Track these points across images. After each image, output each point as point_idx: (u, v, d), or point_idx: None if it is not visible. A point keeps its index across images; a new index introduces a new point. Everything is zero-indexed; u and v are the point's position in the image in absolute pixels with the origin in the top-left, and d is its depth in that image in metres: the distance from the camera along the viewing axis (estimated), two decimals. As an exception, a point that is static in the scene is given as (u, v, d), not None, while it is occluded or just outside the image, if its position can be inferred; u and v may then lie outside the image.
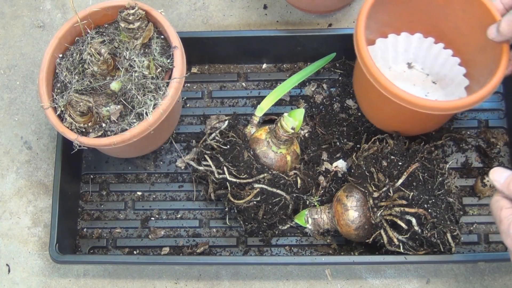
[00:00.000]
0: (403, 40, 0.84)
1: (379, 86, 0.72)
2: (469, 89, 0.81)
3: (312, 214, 0.83)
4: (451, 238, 0.75)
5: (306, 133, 0.88)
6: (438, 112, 0.71)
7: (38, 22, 1.01)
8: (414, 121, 0.80)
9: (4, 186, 0.92)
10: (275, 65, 0.95)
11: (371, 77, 0.72)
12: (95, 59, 0.75)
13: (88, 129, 0.77)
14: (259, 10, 0.99)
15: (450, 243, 0.75)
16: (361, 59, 0.73)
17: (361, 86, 0.84)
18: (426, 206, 0.74)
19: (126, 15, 0.76)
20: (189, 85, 0.95)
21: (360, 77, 0.81)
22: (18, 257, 0.89)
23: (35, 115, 0.96)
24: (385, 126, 0.85)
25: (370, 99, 0.83)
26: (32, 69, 0.98)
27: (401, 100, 0.71)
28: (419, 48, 0.85)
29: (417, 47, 0.85)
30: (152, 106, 0.75)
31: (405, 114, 0.77)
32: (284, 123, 0.77)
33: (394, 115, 0.81)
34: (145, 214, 0.90)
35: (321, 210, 0.83)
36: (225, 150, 0.81)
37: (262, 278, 0.86)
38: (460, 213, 0.79)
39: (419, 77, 0.86)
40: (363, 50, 0.73)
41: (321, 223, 0.82)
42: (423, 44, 0.84)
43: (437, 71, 0.85)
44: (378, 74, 0.71)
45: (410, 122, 0.81)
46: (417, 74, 0.86)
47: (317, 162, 0.86)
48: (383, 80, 0.71)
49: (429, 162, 0.79)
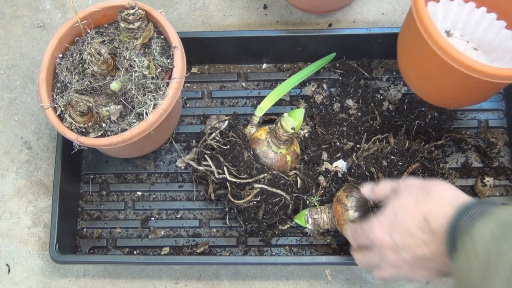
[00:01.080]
0: (442, 6, 0.80)
1: (443, 54, 0.66)
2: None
3: (312, 214, 0.83)
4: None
5: (306, 133, 0.88)
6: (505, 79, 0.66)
7: (38, 22, 1.01)
8: (473, 91, 0.76)
9: (4, 186, 0.92)
10: (275, 65, 0.95)
11: (434, 43, 0.67)
12: (95, 59, 0.75)
13: (88, 129, 0.77)
14: (259, 10, 0.99)
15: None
16: (420, 21, 0.68)
17: (412, 56, 0.78)
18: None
19: (126, 15, 0.76)
20: (189, 85, 0.95)
21: (413, 46, 0.76)
22: (18, 257, 0.89)
23: (35, 115, 0.96)
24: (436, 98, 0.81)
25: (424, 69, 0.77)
26: (32, 69, 0.98)
27: (469, 69, 0.65)
28: (459, 14, 0.81)
29: (456, 14, 0.81)
30: (152, 106, 0.75)
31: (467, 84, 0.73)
32: (284, 123, 0.77)
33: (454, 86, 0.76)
34: (145, 214, 0.90)
35: (321, 210, 0.83)
36: (225, 150, 0.81)
37: (262, 278, 0.86)
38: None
39: (459, 45, 0.82)
40: (423, 12, 0.67)
41: (321, 223, 0.82)
42: (463, 9, 0.81)
43: (479, 37, 0.81)
44: (442, 41, 0.66)
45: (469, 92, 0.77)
46: (456, 41, 0.82)
47: (317, 162, 0.86)
48: (449, 48, 0.66)
49: (429, 162, 0.79)
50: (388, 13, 0.97)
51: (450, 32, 0.82)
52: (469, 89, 0.75)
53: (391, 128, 0.88)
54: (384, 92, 0.91)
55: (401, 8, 0.97)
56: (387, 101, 0.90)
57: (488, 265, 0.52)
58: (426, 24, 0.67)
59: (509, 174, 0.87)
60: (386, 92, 0.91)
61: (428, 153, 0.80)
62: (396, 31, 0.82)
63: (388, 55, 0.93)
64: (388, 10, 0.98)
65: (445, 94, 0.79)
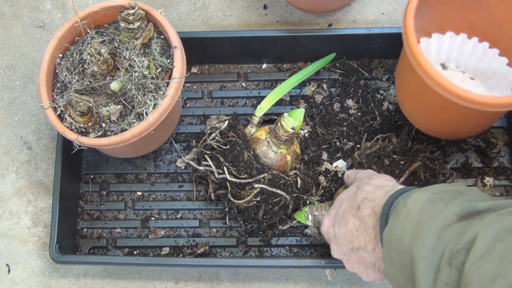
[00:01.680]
0: (434, 41, 0.81)
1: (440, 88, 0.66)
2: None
3: (313, 211, 0.83)
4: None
5: (306, 133, 0.88)
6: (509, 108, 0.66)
7: (38, 22, 1.01)
8: (474, 122, 0.76)
9: (4, 186, 0.92)
10: (275, 65, 0.95)
11: (429, 79, 0.67)
12: (95, 59, 0.75)
13: (88, 129, 0.77)
14: (259, 10, 0.99)
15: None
16: (414, 58, 0.68)
17: (411, 92, 0.79)
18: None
19: (126, 15, 0.76)
20: (189, 85, 0.95)
21: (410, 83, 0.76)
22: (18, 257, 0.89)
23: (35, 115, 0.96)
24: (440, 132, 0.81)
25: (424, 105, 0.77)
26: (32, 69, 0.98)
27: (468, 101, 0.65)
28: (452, 46, 0.82)
29: (449, 46, 0.82)
30: (152, 106, 0.75)
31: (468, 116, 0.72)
32: (284, 123, 0.77)
33: (455, 119, 0.76)
34: (145, 214, 0.90)
35: (322, 207, 0.83)
36: (225, 150, 0.81)
37: (262, 279, 0.86)
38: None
39: (456, 76, 0.82)
40: (416, 50, 0.67)
41: (321, 219, 0.82)
42: (455, 41, 0.81)
43: (474, 66, 0.82)
44: (438, 76, 0.66)
45: (471, 123, 0.77)
46: (453, 73, 0.83)
47: (317, 162, 0.86)
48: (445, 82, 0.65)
49: (431, 161, 0.79)
50: (388, 13, 0.97)
51: (446, 65, 0.82)
52: (470, 121, 0.76)
53: (391, 128, 0.88)
54: (384, 92, 0.91)
55: (401, 8, 0.97)
56: (387, 101, 0.90)
57: (420, 224, 0.52)
58: (420, 60, 0.67)
59: (509, 174, 0.87)
60: (386, 92, 0.91)
61: (430, 152, 0.80)
62: (396, 31, 0.82)
63: (388, 55, 0.93)
64: (388, 10, 0.98)
65: (447, 127, 0.79)
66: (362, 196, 0.66)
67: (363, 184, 0.68)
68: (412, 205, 0.55)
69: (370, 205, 0.64)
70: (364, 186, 0.68)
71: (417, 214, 0.54)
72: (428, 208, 0.54)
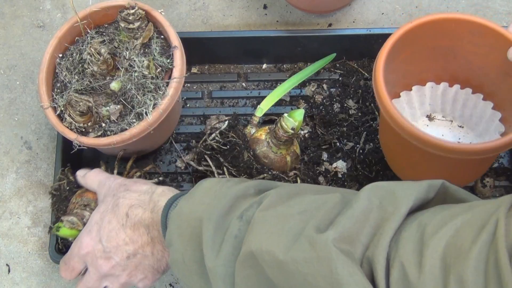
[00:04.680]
0: (415, 94, 0.81)
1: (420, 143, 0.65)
2: (504, 120, 0.76)
3: None
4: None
5: (306, 134, 0.88)
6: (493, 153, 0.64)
7: (38, 22, 1.01)
8: (462, 170, 0.75)
9: (4, 186, 0.92)
10: (275, 65, 0.95)
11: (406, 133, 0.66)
12: (95, 59, 0.75)
13: (88, 129, 0.77)
14: (259, 10, 0.99)
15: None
16: (387, 114, 0.68)
17: (394, 149, 0.79)
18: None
19: (126, 15, 0.76)
20: (189, 85, 0.95)
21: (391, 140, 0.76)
22: (18, 257, 0.89)
23: (35, 115, 0.96)
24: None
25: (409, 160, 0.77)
26: (32, 69, 0.98)
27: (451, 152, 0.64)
28: (434, 97, 0.81)
29: (432, 97, 0.81)
30: (152, 106, 0.75)
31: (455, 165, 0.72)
32: (284, 123, 0.77)
33: (443, 169, 0.75)
34: (145, 214, 0.89)
35: None
36: (225, 150, 0.81)
37: (262, 279, 0.86)
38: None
39: (445, 126, 0.82)
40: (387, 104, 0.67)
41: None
42: (437, 91, 0.81)
43: (460, 113, 0.81)
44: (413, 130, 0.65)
45: (459, 172, 0.76)
46: (440, 123, 0.82)
47: (317, 162, 0.86)
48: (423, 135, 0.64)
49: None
50: (388, 13, 0.97)
51: (432, 116, 0.82)
52: (458, 170, 0.75)
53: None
54: (384, 93, 0.91)
55: (401, 8, 0.97)
56: (387, 102, 0.90)
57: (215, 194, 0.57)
58: (394, 115, 0.67)
59: (509, 175, 0.87)
60: (386, 92, 0.91)
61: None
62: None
63: (388, 55, 0.93)
64: (388, 10, 0.98)
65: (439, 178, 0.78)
66: (126, 203, 0.67)
67: (122, 192, 0.69)
68: (208, 184, 0.59)
69: (140, 210, 0.65)
70: (126, 194, 0.68)
71: (213, 190, 0.57)
72: (225, 184, 0.57)
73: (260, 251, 0.48)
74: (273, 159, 0.80)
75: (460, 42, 0.74)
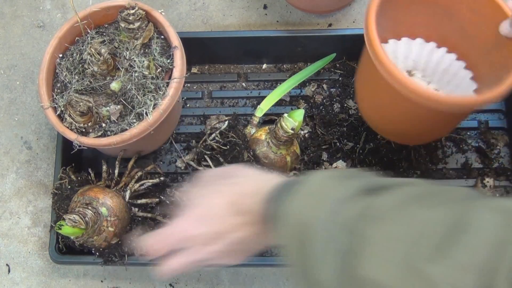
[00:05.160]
0: (403, 45, 0.80)
1: (399, 85, 0.65)
2: (478, 92, 0.76)
3: None
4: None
5: (306, 134, 0.88)
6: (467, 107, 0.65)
7: (38, 22, 1.01)
8: (426, 123, 0.75)
9: (4, 186, 0.92)
10: (275, 65, 0.95)
11: (390, 76, 0.65)
12: (95, 59, 0.75)
13: (88, 129, 0.77)
14: (259, 10, 0.99)
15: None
16: (376, 58, 0.67)
17: (369, 88, 0.78)
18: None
19: (126, 15, 0.76)
20: (189, 85, 0.95)
21: (370, 78, 0.76)
22: (18, 257, 0.89)
23: (35, 115, 0.96)
24: (389, 131, 0.81)
25: (379, 102, 0.77)
26: (32, 69, 0.98)
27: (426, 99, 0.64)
28: (420, 54, 0.81)
29: (418, 54, 0.81)
30: (152, 106, 0.75)
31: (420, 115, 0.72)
32: (284, 123, 0.77)
33: (407, 117, 0.75)
34: (145, 214, 0.89)
35: None
36: (225, 150, 0.81)
37: (262, 279, 0.86)
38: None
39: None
40: (378, 48, 0.66)
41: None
42: (424, 49, 0.80)
43: (439, 78, 0.81)
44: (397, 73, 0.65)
45: (421, 124, 0.76)
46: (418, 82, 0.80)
47: (317, 162, 0.86)
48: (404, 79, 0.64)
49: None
50: (388, 13, 0.97)
51: (412, 72, 0.81)
52: (430, 122, 0.75)
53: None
54: (384, 93, 0.91)
55: (401, 8, 0.98)
56: (387, 102, 0.90)
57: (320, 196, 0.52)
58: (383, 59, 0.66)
59: (509, 175, 0.87)
60: (386, 92, 0.91)
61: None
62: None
63: (388, 56, 0.93)
64: (388, 10, 0.98)
65: (397, 126, 0.78)
66: (232, 190, 0.64)
67: (225, 178, 0.66)
68: (313, 181, 0.55)
69: (247, 199, 0.62)
70: (228, 180, 0.65)
71: (318, 188, 0.53)
72: (330, 182, 0.53)
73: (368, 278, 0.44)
74: (273, 159, 0.80)
75: (459, 6, 0.74)
